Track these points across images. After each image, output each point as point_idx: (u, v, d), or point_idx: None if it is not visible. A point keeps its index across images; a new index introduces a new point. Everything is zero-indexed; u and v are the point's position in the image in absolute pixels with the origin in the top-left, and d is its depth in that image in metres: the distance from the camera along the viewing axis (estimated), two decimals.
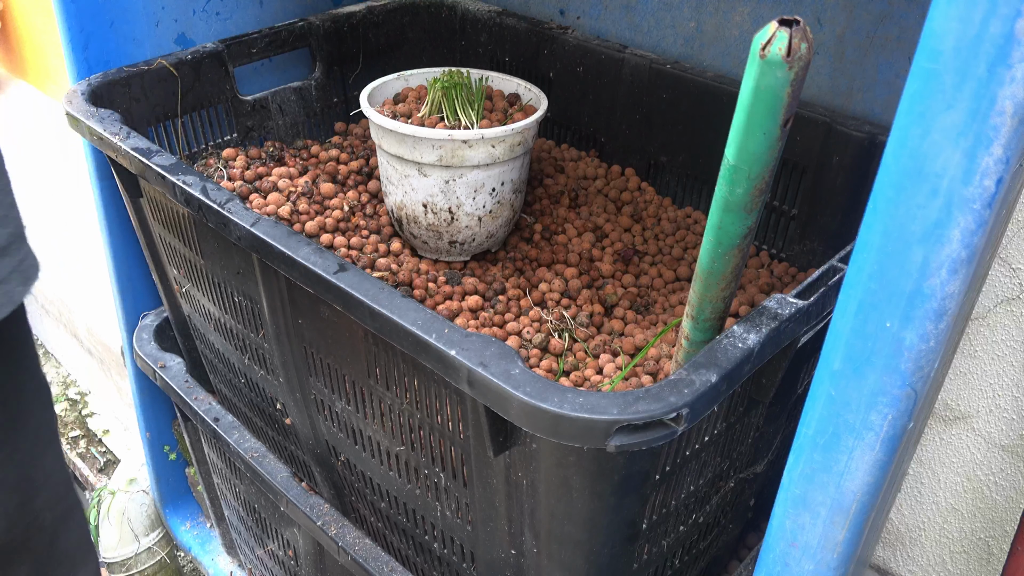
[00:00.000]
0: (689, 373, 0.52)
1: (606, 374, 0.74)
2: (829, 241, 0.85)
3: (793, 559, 0.49)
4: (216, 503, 1.25)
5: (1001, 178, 0.33)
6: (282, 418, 0.88)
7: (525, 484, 0.60)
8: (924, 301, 0.37)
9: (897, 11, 0.78)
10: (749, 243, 0.55)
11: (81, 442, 1.99)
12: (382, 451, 0.73)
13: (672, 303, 0.83)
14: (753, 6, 0.88)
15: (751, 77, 0.46)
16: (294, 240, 0.65)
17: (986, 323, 0.80)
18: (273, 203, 0.86)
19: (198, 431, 1.15)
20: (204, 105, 0.99)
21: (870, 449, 0.42)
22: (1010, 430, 0.83)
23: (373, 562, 0.84)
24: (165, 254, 0.93)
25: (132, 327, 1.12)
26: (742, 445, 0.69)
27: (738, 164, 0.50)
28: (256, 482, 0.97)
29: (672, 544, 0.69)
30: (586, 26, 1.04)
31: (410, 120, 0.82)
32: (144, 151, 0.77)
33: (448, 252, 0.86)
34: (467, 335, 0.55)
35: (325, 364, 0.73)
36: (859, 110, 0.84)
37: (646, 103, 0.96)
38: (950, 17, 0.32)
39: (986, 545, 0.89)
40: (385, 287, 0.60)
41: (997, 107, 0.32)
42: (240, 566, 1.33)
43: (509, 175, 0.82)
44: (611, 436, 0.49)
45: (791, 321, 0.57)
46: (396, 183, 0.82)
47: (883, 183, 0.36)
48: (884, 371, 0.40)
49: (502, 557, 0.68)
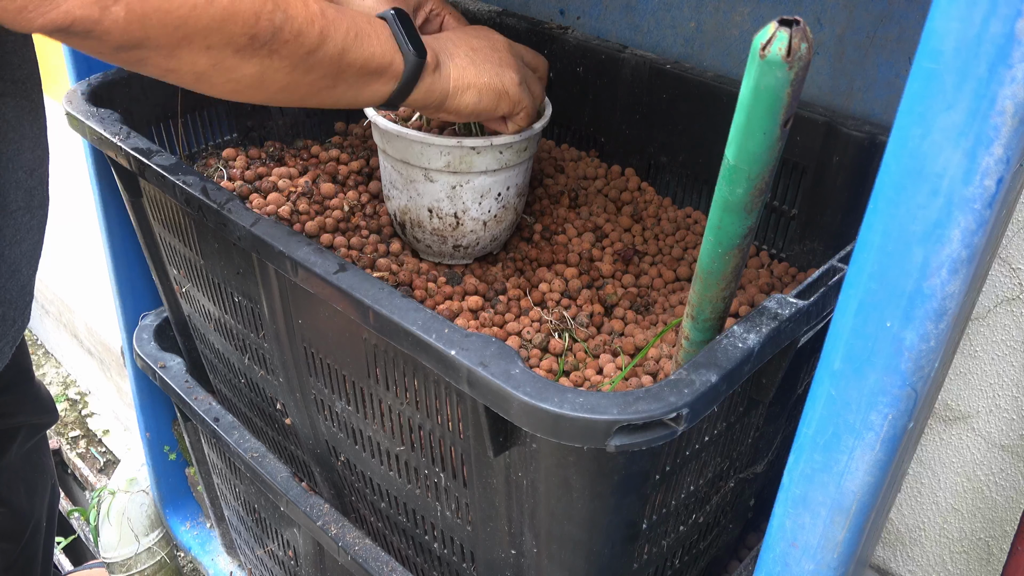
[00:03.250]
0: (689, 373, 0.52)
1: (606, 374, 0.74)
2: (829, 241, 0.85)
3: (793, 559, 0.49)
4: (216, 503, 1.25)
5: (1002, 178, 0.33)
6: (282, 418, 0.88)
7: (525, 484, 0.60)
8: (924, 301, 0.37)
9: (897, 11, 0.78)
10: (749, 243, 0.55)
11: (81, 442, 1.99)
12: (382, 451, 0.73)
13: (672, 303, 0.83)
14: (753, 6, 0.88)
15: (751, 77, 0.46)
16: (294, 240, 0.65)
17: (986, 323, 0.80)
18: (273, 203, 0.86)
19: (198, 431, 1.15)
20: (204, 105, 0.98)
21: (870, 449, 0.43)
22: (1010, 430, 0.83)
23: (373, 562, 0.84)
24: (165, 254, 0.93)
25: (132, 327, 1.12)
26: (742, 445, 0.69)
27: (738, 164, 0.50)
28: (256, 482, 0.97)
29: (672, 544, 0.69)
30: (586, 26, 1.04)
31: (409, 123, 0.82)
32: (144, 151, 0.77)
33: (452, 256, 0.85)
34: (467, 335, 0.55)
35: (325, 364, 0.73)
36: (859, 110, 0.84)
37: (646, 103, 0.96)
38: (950, 17, 0.32)
39: (986, 545, 0.89)
40: (385, 287, 0.60)
41: (997, 107, 0.32)
42: (240, 566, 1.33)
43: (514, 180, 0.82)
44: (611, 436, 0.49)
45: (791, 321, 0.57)
46: (400, 187, 0.82)
47: (883, 183, 0.36)
48: (884, 371, 0.40)
49: (502, 557, 0.68)
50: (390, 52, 0.65)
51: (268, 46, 0.57)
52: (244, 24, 0.55)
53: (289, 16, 0.58)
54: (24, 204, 0.78)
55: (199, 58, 0.56)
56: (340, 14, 0.62)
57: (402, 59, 0.66)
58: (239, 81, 0.59)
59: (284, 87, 0.61)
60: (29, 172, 0.78)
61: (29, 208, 0.79)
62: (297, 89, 0.62)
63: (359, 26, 0.63)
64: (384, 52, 0.65)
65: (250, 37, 0.56)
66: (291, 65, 0.59)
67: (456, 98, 0.71)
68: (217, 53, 0.56)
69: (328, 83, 0.63)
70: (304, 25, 0.59)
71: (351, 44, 0.62)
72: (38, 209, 0.81)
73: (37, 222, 0.81)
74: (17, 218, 0.78)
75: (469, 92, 0.71)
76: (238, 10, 0.55)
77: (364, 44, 0.63)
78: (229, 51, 0.56)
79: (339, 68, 0.62)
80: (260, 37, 0.56)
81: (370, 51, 0.64)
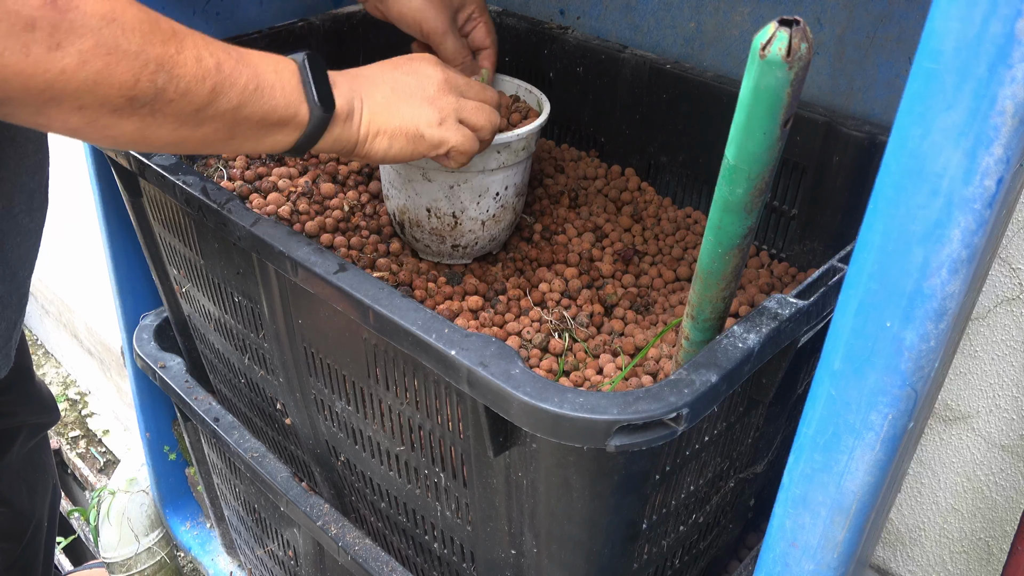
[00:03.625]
0: (689, 373, 0.52)
1: (606, 374, 0.74)
2: (829, 241, 0.85)
3: (793, 559, 0.49)
4: (216, 503, 1.25)
5: (1001, 178, 0.33)
6: (282, 418, 0.88)
7: (525, 484, 0.60)
8: (924, 301, 0.37)
9: (897, 11, 0.78)
10: (749, 243, 0.55)
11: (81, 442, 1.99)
12: (382, 451, 0.73)
13: (672, 303, 0.83)
14: (753, 6, 0.88)
15: (751, 77, 0.46)
16: (294, 240, 0.65)
17: (986, 323, 0.80)
18: (273, 203, 0.86)
19: (198, 431, 1.15)
20: None
21: (870, 449, 0.43)
22: (1010, 430, 0.83)
23: (373, 562, 0.84)
24: (165, 254, 0.93)
25: (132, 327, 1.12)
26: (742, 445, 0.69)
27: (738, 164, 0.50)
28: (256, 482, 0.97)
29: (672, 544, 0.69)
30: (586, 26, 1.04)
31: None
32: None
33: (451, 256, 0.85)
34: (467, 335, 0.55)
35: (325, 364, 0.73)
36: (859, 110, 0.84)
37: (646, 103, 0.96)
38: (950, 17, 0.32)
39: (986, 545, 0.89)
40: (385, 287, 0.60)
41: (997, 107, 0.32)
42: (240, 566, 1.33)
43: (513, 179, 0.82)
44: (611, 436, 0.49)
45: (791, 321, 0.57)
46: (399, 187, 0.82)
47: (883, 183, 0.36)
48: (884, 371, 0.40)
49: (502, 557, 0.68)
50: (295, 103, 0.62)
51: (149, 106, 0.55)
52: (120, 87, 0.52)
53: (174, 76, 0.55)
54: (26, 207, 0.79)
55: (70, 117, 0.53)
56: (241, 66, 0.59)
57: (308, 110, 0.63)
58: (117, 138, 0.56)
59: (171, 142, 0.58)
60: (32, 175, 0.78)
61: (31, 210, 0.79)
62: (187, 143, 0.59)
63: (261, 78, 0.60)
64: (288, 104, 0.61)
65: (128, 99, 0.53)
66: (178, 123, 0.57)
67: (366, 145, 0.67)
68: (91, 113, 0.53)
69: (223, 135, 0.60)
70: (192, 84, 0.56)
71: (248, 98, 0.59)
72: (38, 211, 0.81)
73: (36, 224, 0.81)
74: (20, 220, 0.78)
75: (379, 139, 0.67)
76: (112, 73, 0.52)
77: (264, 97, 0.60)
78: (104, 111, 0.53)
79: (234, 122, 0.60)
80: (140, 99, 0.54)
81: (271, 104, 0.61)
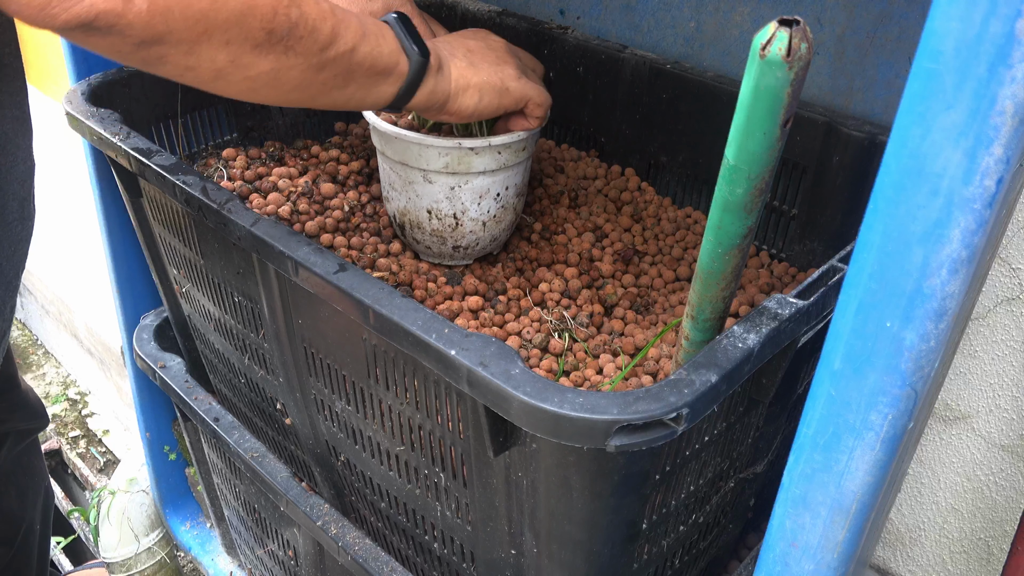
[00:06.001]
0: (689, 373, 0.52)
1: (606, 374, 0.74)
2: (829, 241, 0.85)
3: (793, 559, 0.49)
4: (216, 503, 1.25)
5: (1001, 178, 0.33)
6: (282, 418, 0.88)
7: (525, 484, 0.60)
8: (924, 301, 0.37)
9: (897, 11, 0.78)
10: (749, 243, 0.55)
11: (81, 442, 1.99)
12: (382, 451, 0.73)
13: (672, 303, 0.83)
14: (753, 6, 0.88)
15: (751, 77, 0.46)
16: (294, 240, 0.65)
17: (986, 323, 0.80)
18: (273, 203, 0.86)
19: (198, 431, 1.15)
20: (204, 105, 0.98)
21: (870, 449, 0.43)
22: (1010, 430, 0.83)
23: (373, 562, 0.84)
24: (165, 254, 0.93)
25: (132, 327, 1.12)
26: (742, 445, 0.69)
27: (738, 164, 0.50)
28: (256, 482, 0.97)
29: (672, 544, 0.69)
30: (586, 26, 1.04)
31: (400, 123, 0.82)
32: (144, 151, 0.77)
33: (451, 256, 0.85)
34: (467, 335, 0.55)
35: (325, 364, 0.73)
36: (859, 110, 0.84)
37: (646, 103, 0.96)
38: (950, 17, 0.32)
39: (986, 545, 0.89)
40: (385, 287, 0.60)
41: (997, 107, 0.32)
42: (240, 566, 1.33)
43: (513, 179, 0.82)
44: (611, 436, 0.49)
45: (791, 321, 0.57)
46: (399, 189, 0.82)
47: (883, 183, 0.36)
48: (884, 371, 0.40)
49: (502, 557, 0.68)
50: (396, 52, 0.66)
51: (284, 42, 0.58)
52: (262, 19, 0.56)
53: (303, 12, 0.58)
54: (19, 214, 0.79)
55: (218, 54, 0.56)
56: (348, 14, 0.63)
57: (407, 60, 0.66)
58: (255, 79, 0.59)
59: (297, 85, 0.61)
60: (21, 183, 0.79)
61: (22, 218, 0.80)
62: (309, 87, 0.62)
63: (366, 26, 0.64)
64: (391, 52, 0.65)
65: (267, 32, 0.57)
66: (305, 62, 0.60)
67: (457, 99, 0.71)
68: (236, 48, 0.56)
69: (339, 82, 0.63)
70: (318, 22, 0.59)
71: (360, 43, 0.63)
72: (28, 219, 0.81)
73: (26, 232, 0.82)
74: (14, 228, 0.78)
75: (469, 92, 0.72)
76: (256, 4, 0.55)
77: (371, 43, 0.64)
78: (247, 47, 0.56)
79: (349, 67, 0.63)
80: (277, 32, 0.57)
81: (377, 51, 0.64)
